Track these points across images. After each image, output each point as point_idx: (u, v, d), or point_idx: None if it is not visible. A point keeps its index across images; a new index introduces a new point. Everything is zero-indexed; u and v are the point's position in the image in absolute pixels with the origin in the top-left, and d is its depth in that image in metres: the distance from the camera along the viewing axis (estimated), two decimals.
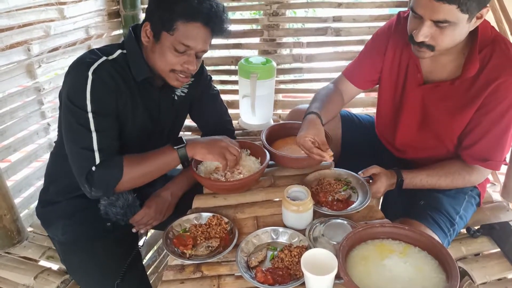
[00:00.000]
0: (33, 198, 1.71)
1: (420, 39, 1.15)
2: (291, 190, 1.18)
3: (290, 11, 2.28)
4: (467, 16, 1.09)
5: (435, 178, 1.34)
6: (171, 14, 1.14)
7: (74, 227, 1.31)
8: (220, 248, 1.12)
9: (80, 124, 1.14)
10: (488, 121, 1.24)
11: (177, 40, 1.16)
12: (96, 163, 1.14)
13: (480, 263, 1.30)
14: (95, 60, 1.16)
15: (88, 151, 1.14)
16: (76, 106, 1.13)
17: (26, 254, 1.46)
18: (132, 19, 2.17)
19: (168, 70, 1.22)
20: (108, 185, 1.16)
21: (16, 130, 1.65)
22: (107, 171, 1.15)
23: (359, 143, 1.63)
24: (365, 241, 1.01)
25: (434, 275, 0.92)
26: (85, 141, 1.14)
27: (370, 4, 2.23)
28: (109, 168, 1.15)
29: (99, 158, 1.14)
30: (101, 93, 1.15)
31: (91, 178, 1.14)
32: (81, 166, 1.15)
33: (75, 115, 1.14)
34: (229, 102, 2.40)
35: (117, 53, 1.22)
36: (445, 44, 1.16)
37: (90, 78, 1.13)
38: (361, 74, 1.52)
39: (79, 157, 1.16)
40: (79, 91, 1.13)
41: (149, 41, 1.20)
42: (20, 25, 1.59)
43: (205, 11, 1.15)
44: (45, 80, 1.77)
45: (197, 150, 1.24)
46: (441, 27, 1.11)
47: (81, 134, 1.14)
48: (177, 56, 1.18)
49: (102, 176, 1.14)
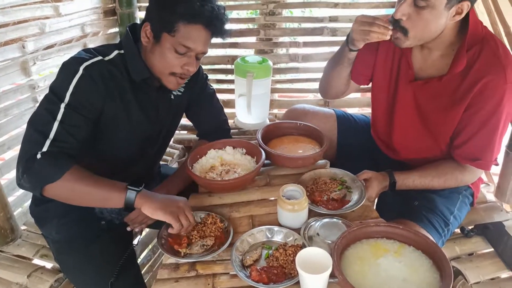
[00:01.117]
0: (27, 197, 1.70)
1: (397, 16, 1.18)
2: (287, 189, 1.18)
3: (286, 10, 2.29)
4: (445, 1, 1.11)
5: (427, 179, 1.35)
6: (172, 15, 1.13)
7: (68, 226, 1.30)
8: (215, 247, 1.11)
9: (48, 110, 1.09)
10: (477, 121, 1.25)
11: (178, 42, 1.15)
12: (42, 150, 1.04)
13: (474, 263, 1.31)
14: (90, 58, 1.15)
15: (40, 135, 1.06)
16: (54, 94, 1.11)
17: (20, 253, 1.45)
18: (128, 17, 2.17)
19: (168, 73, 1.20)
20: (39, 180, 1.05)
21: (10, 128, 1.64)
22: (48, 165, 1.04)
23: (354, 143, 1.63)
24: (360, 240, 1.02)
25: (428, 275, 0.92)
26: (43, 126, 1.07)
27: (366, 5, 2.24)
28: (52, 164, 1.05)
29: (47, 146, 1.05)
30: (85, 90, 1.12)
31: (31, 164, 1.04)
32: (26, 148, 1.07)
33: (49, 101, 1.11)
34: (225, 101, 2.39)
35: (114, 53, 1.21)
36: (419, 28, 1.19)
37: (79, 73, 1.11)
38: (356, 69, 1.53)
39: (29, 139, 1.08)
40: (64, 82, 1.11)
41: (148, 41, 1.19)
42: (15, 22, 1.57)
43: (207, 14, 1.14)
44: (39, 77, 1.76)
45: (147, 202, 1.09)
46: (419, 7, 1.14)
47: (43, 119, 1.09)
48: (177, 57, 1.17)
49: (41, 167, 1.04)
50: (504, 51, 1.21)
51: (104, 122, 1.20)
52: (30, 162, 1.04)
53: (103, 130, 1.21)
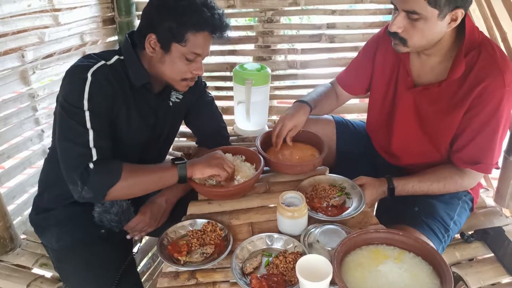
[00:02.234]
0: (26, 205, 1.70)
1: (393, 29, 1.20)
2: (286, 196, 1.18)
3: (284, 18, 2.30)
4: (437, 12, 1.13)
5: (427, 184, 1.35)
6: (182, 26, 1.15)
7: (68, 235, 1.30)
8: (215, 254, 1.11)
9: (75, 120, 1.11)
10: (476, 124, 1.26)
11: (189, 50, 1.18)
12: (93, 160, 1.09)
13: (474, 268, 1.31)
14: (94, 63, 1.16)
15: (83, 147, 1.10)
16: (72, 105, 1.12)
17: (19, 262, 1.44)
18: (127, 25, 2.18)
19: (179, 79, 1.24)
20: (101, 187, 1.11)
21: (10, 136, 1.64)
22: (105, 171, 1.11)
23: (353, 149, 1.64)
24: (359, 247, 1.01)
25: (428, 281, 0.92)
26: (80, 137, 1.10)
27: (363, 11, 2.25)
28: (107, 169, 1.12)
29: (96, 155, 1.10)
30: (98, 95, 1.14)
31: (86, 175, 1.09)
32: (75, 162, 1.10)
33: (70, 113, 1.12)
34: (224, 108, 2.40)
35: (114, 59, 1.22)
36: (416, 38, 1.20)
37: (89, 79, 1.13)
38: (351, 81, 1.57)
39: (73, 154, 1.11)
40: (77, 91, 1.12)
41: (154, 51, 1.20)
42: (14, 32, 1.58)
43: (215, 22, 1.17)
44: (39, 86, 1.76)
45: (196, 167, 1.23)
46: (413, 20, 1.16)
47: (75, 130, 1.11)
48: (187, 64, 1.21)
49: (98, 174, 1.10)
50: (501, 56, 1.22)
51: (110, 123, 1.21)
52: (85, 174, 1.09)
53: None
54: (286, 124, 1.44)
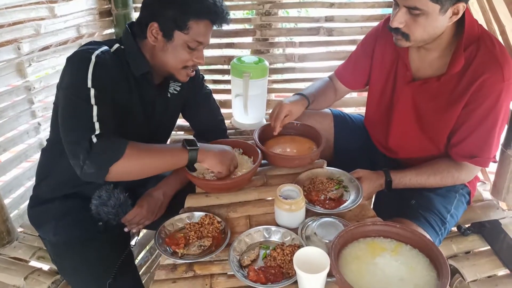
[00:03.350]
0: (23, 199, 1.69)
1: (394, 25, 1.19)
2: (284, 189, 1.18)
3: (282, 10, 2.29)
4: (439, 7, 1.12)
5: (424, 177, 1.36)
6: (185, 14, 1.16)
7: (65, 228, 1.30)
8: (212, 247, 1.11)
9: (80, 97, 1.09)
10: (475, 118, 1.26)
11: (192, 38, 1.19)
12: (95, 133, 1.05)
13: (470, 261, 1.31)
14: (97, 48, 1.16)
15: (86, 121, 1.07)
16: (74, 86, 1.10)
17: (16, 255, 1.44)
18: (123, 17, 2.16)
19: (180, 67, 1.24)
20: (104, 162, 1.06)
21: (6, 129, 1.63)
22: (108, 146, 1.06)
23: (351, 143, 1.64)
24: (357, 240, 1.02)
25: (425, 273, 0.93)
26: (84, 112, 1.08)
27: (362, 4, 2.24)
28: (110, 144, 1.07)
29: (99, 129, 1.06)
30: (102, 75, 1.12)
31: (89, 149, 1.04)
32: (78, 136, 1.06)
33: (73, 92, 1.10)
34: (221, 102, 2.39)
35: (115, 46, 1.22)
36: (418, 33, 1.19)
37: (93, 60, 1.12)
38: (349, 75, 1.57)
39: (76, 128, 1.08)
40: (80, 72, 1.10)
41: (156, 40, 1.20)
42: (10, 24, 1.57)
43: (214, 9, 1.18)
44: (35, 79, 1.75)
45: (208, 157, 1.21)
46: (415, 15, 1.15)
47: (79, 107, 1.08)
48: (189, 52, 1.22)
49: (101, 149, 1.05)
50: (500, 49, 1.22)
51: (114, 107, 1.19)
52: (89, 148, 1.04)
53: None
54: (284, 106, 1.44)
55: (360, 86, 1.61)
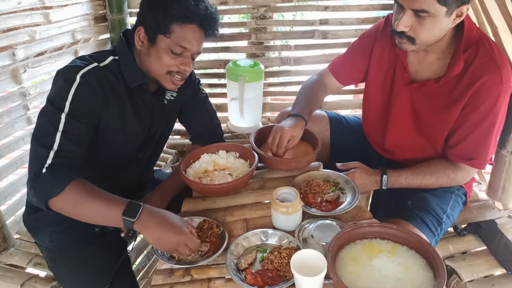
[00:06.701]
0: (19, 205, 1.68)
1: (400, 29, 1.18)
2: (280, 192, 1.18)
3: (277, 14, 2.30)
4: (445, 9, 1.12)
5: (419, 177, 1.36)
6: (166, 17, 1.13)
7: (62, 234, 1.29)
8: (209, 252, 1.11)
9: (49, 122, 1.08)
10: (473, 120, 1.26)
11: (174, 42, 1.15)
12: (47, 163, 1.04)
13: (467, 261, 1.32)
14: (86, 65, 1.15)
15: (45, 149, 1.06)
16: (52, 105, 1.10)
17: (13, 262, 1.43)
18: (119, 23, 2.16)
19: (164, 73, 1.20)
20: (43, 195, 1.04)
21: (1, 136, 1.62)
22: (51, 179, 1.04)
23: (347, 145, 1.64)
24: (353, 241, 1.02)
25: (422, 274, 0.93)
26: (46, 138, 1.07)
27: (356, 7, 2.26)
28: (54, 177, 1.04)
29: (52, 158, 1.04)
30: (84, 97, 1.12)
31: (37, 179, 1.04)
32: (33, 163, 1.07)
33: (48, 113, 1.10)
34: (217, 105, 2.40)
35: (108, 59, 1.21)
36: (424, 36, 1.19)
37: (77, 81, 1.11)
38: (344, 71, 1.56)
39: (35, 155, 1.08)
40: (62, 92, 1.10)
41: (143, 45, 1.19)
42: (4, 30, 1.56)
43: (201, 13, 1.15)
44: (30, 85, 1.74)
45: (145, 231, 1.05)
46: (421, 18, 1.15)
47: (45, 132, 1.08)
48: (173, 58, 1.18)
49: (44, 181, 1.04)
50: (498, 52, 1.23)
51: (101, 127, 1.20)
52: (36, 177, 1.04)
53: (98, 135, 1.21)
54: (286, 132, 1.36)
55: (353, 83, 1.60)
